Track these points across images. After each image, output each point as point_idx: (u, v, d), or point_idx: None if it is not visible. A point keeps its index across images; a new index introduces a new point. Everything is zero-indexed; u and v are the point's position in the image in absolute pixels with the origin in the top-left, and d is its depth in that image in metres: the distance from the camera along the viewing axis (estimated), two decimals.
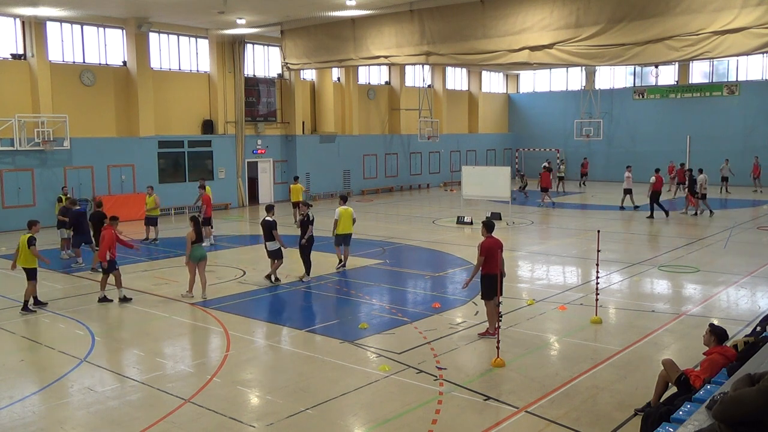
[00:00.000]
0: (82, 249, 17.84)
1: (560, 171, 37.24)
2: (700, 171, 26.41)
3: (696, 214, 25.81)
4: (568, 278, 15.83)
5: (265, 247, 14.87)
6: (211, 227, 20.55)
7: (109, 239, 13.53)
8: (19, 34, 24.46)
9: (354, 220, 16.48)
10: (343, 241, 16.21)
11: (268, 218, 14.75)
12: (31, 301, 13.00)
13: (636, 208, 27.13)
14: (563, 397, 8.34)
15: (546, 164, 33.72)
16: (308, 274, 15.04)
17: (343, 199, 17.01)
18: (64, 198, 21.29)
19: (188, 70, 29.55)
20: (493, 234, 10.84)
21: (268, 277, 15.00)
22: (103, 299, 13.49)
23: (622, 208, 27.44)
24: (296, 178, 25.12)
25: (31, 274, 12.87)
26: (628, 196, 27.34)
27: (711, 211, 25.81)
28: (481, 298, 10.98)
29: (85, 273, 16.51)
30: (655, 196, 24.88)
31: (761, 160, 36.96)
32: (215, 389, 8.81)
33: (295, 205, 25.38)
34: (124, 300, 13.44)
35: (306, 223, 14.96)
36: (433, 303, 12.97)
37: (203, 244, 14.35)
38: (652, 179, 25.18)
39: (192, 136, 29.33)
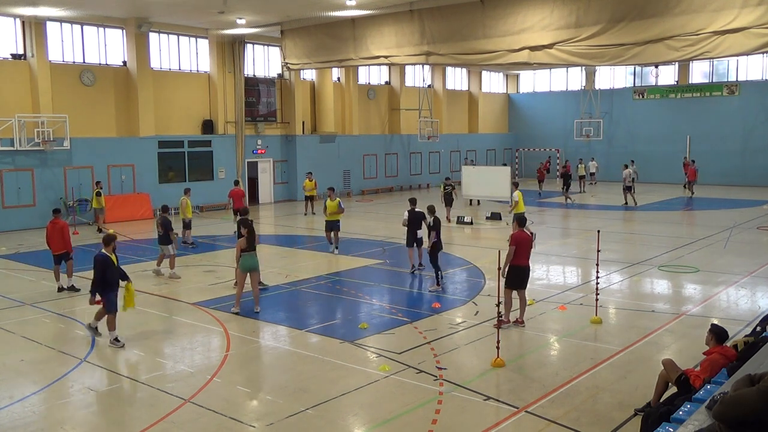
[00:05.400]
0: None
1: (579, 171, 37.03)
2: (625, 166, 30.09)
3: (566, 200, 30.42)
4: (568, 278, 15.83)
5: (415, 235, 15.70)
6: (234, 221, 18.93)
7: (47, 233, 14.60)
8: (19, 34, 24.45)
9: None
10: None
11: (417, 209, 15.67)
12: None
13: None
14: (563, 397, 8.34)
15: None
16: (438, 283, 14.22)
17: (516, 185, 21.35)
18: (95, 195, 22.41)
19: (188, 70, 29.55)
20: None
21: (421, 265, 15.84)
22: (61, 289, 14.41)
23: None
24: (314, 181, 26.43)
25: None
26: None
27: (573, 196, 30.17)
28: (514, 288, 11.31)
29: (85, 273, 16.45)
30: None
31: (762, 160, 37.03)
32: (215, 389, 8.81)
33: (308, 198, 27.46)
34: (68, 290, 14.39)
35: (433, 227, 14.62)
36: (433, 303, 12.98)
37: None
38: None
39: (192, 136, 29.32)
